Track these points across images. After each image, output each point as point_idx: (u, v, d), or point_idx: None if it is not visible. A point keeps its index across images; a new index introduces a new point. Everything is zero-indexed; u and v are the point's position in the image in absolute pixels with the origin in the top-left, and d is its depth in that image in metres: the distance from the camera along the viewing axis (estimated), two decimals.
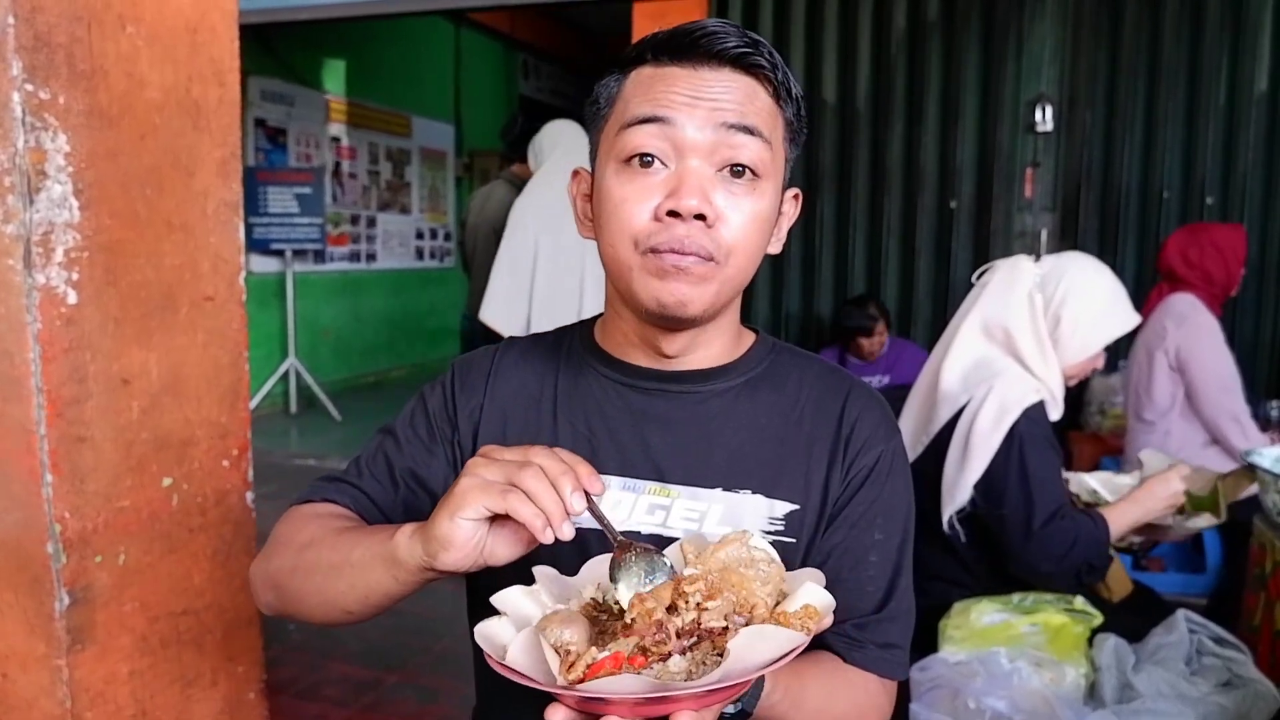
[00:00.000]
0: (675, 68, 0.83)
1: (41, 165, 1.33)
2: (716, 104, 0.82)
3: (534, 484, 0.70)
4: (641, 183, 0.84)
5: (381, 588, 0.82)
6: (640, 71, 0.86)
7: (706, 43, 0.82)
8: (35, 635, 1.43)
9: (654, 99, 0.83)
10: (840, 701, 0.87)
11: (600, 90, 0.90)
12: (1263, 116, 4.03)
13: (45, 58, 1.32)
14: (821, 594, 0.70)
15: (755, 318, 4.59)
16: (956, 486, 1.82)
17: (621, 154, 0.85)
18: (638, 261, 0.85)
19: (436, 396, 1.02)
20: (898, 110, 4.38)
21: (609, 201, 0.86)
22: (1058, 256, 1.99)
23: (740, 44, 0.83)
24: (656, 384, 0.96)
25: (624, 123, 0.85)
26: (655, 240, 0.83)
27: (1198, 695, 1.62)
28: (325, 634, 3.14)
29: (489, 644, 0.70)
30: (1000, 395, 1.80)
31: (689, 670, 0.66)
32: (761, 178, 0.86)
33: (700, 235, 0.83)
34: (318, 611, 0.89)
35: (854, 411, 0.97)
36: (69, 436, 1.39)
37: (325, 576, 0.86)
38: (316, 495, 0.99)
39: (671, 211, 0.82)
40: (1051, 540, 1.71)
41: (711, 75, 0.83)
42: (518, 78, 9.65)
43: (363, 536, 0.85)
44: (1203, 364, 2.90)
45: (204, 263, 1.60)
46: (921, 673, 1.73)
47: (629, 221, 0.84)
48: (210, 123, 1.60)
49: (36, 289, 1.33)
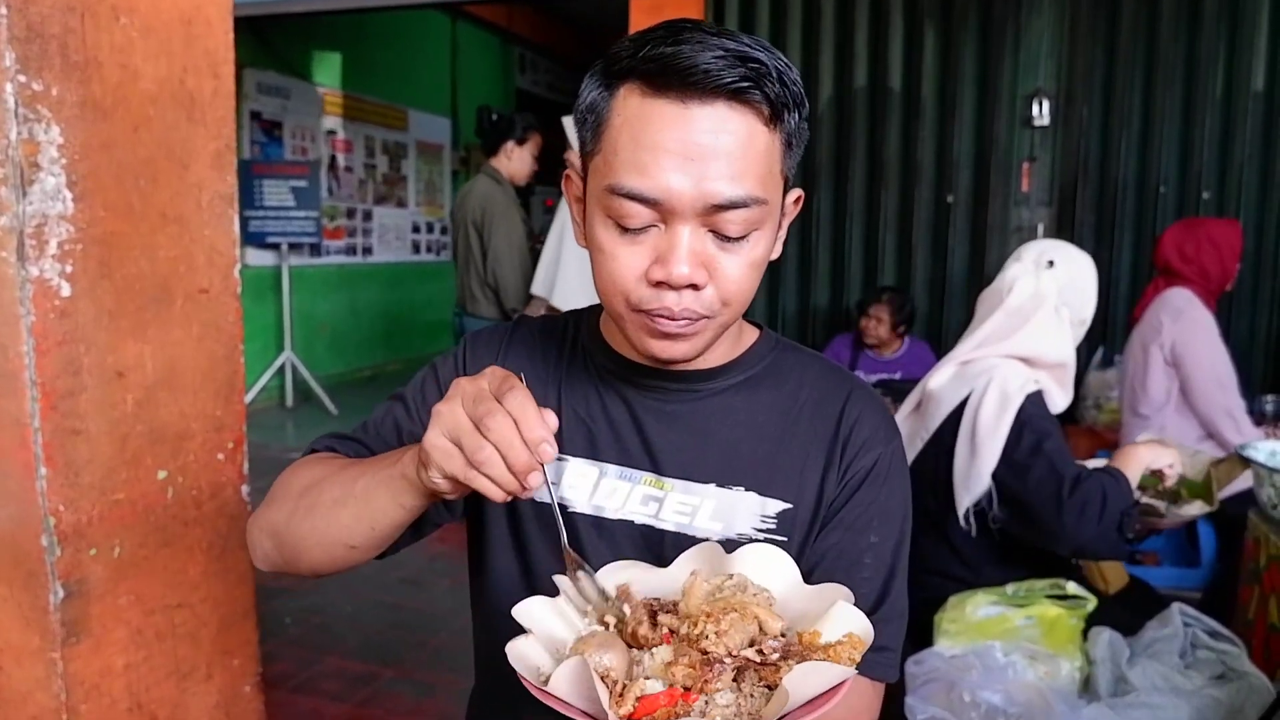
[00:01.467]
0: (664, 102, 0.78)
1: (35, 157, 1.32)
2: (706, 173, 0.78)
3: (492, 466, 0.70)
4: (630, 245, 0.82)
5: (387, 515, 0.82)
6: (629, 97, 0.81)
7: (697, 79, 0.77)
8: (30, 628, 1.42)
9: (641, 166, 0.79)
10: (837, 709, 0.87)
11: (585, 94, 0.85)
12: (1259, 111, 4.03)
13: (38, 49, 1.31)
14: (860, 619, 0.70)
15: (751, 312, 4.57)
16: (970, 478, 1.82)
17: (609, 212, 0.82)
18: (630, 316, 0.85)
19: (448, 366, 1.04)
20: (894, 104, 4.37)
21: (597, 251, 0.85)
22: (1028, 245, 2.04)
23: (733, 78, 0.77)
24: (655, 380, 0.96)
25: (611, 184, 0.81)
26: (646, 305, 0.83)
27: (1192, 688, 1.62)
28: (322, 628, 3.14)
29: (523, 666, 0.68)
30: (1001, 384, 1.83)
31: (738, 704, 0.65)
32: (757, 230, 0.83)
33: (691, 301, 0.82)
34: (318, 552, 0.88)
35: (854, 412, 0.96)
36: (63, 429, 1.39)
37: (328, 512, 0.85)
38: (320, 446, 0.99)
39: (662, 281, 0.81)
40: (1085, 501, 1.70)
41: (702, 112, 0.78)
42: (514, 72, 9.63)
43: (366, 466, 0.85)
44: (1197, 359, 2.90)
45: (199, 255, 1.59)
46: (917, 666, 1.73)
47: (618, 281, 0.83)
48: (205, 115, 1.59)
49: (30, 281, 1.33)
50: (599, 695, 0.61)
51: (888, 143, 4.39)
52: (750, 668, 0.66)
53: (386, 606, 3.34)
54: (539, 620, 0.74)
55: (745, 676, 0.66)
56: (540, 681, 0.66)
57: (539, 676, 0.67)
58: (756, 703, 0.65)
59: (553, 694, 0.63)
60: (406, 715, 2.62)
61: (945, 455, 1.90)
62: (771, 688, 0.65)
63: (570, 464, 0.96)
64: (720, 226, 0.81)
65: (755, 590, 0.73)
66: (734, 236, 0.81)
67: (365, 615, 3.25)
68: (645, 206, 0.80)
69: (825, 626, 0.70)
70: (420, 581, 3.55)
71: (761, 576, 0.76)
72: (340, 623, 3.19)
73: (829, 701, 0.63)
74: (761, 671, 0.66)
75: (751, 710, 0.65)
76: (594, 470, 0.96)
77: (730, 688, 0.66)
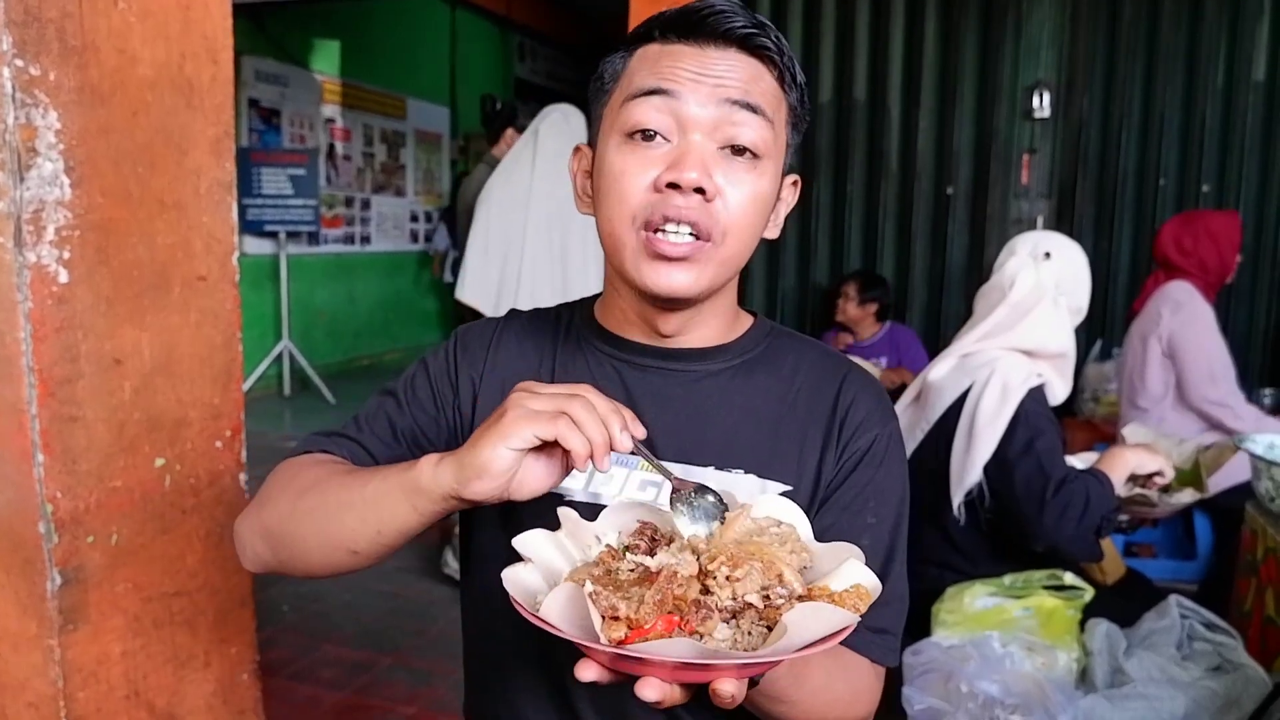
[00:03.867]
0: (682, 45, 0.84)
1: (32, 142, 1.31)
2: (721, 81, 0.83)
3: (583, 414, 0.71)
4: (643, 155, 0.84)
5: (398, 520, 0.81)
6: (647, 49, 0.87)
7: (714, 22, 0.82)
8: (27, 615, 1.42)
9: (659, 73, 0.84)
10: (838, 683, 0.87)
11: (605, 66, 0.91)
12: (1260, 104, 4.02)
13: (35, 33, 1.30)
14: (868, 574, 0.69)
15: (750, 302, 4.58)
16: (965, 469, 1.83)
17: (624, 127, 0.85)
18: (634, 241, 0.86)
19: (439, 361, 1.03)
20: (895, 96, 4.36)
21: (609, 174, 0.87)
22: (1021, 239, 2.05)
23: (748, 25, 0.83)
24: (653, 361, 0.96)
25: (628, 95, 0.86)
26: (652, 213, 0.84)
27: (1188, 680, 1.63)
28: (319, 616, 3.14)
29: (517, 589, 0.68)
30: (1003, 377, 1.84)
31: (734, 639, 0.65)
32: (762, 158, 0.86)
33: (698, 209, 0.83)
34: (317, 556, 0.87)
35: (849, 395, 0.97)
36: (61, 416, 1.38)
37: (330, 515, 0.84)
38: (313, 447, 0.98)
39: (671, 184, 0.82)
40: (1067, 504, 1.73)
41: (718, 54, 0.84)
42: (513, 60, 9.59)
43: (375, 472, 0.84)
44: (1192, 352, 2.90)
45: (197, 242, 1.59)
46: (914, 656, 1.74)
47: (628, 193, 0.85)
48: (203, 101, 1.58)
49: (27, 267, 1.32)
50: (592, 620, 0.61)
51: (888, 134, 4.38)
52: (750, 609, 0.66)
53: (384, 594, 3.34)
54: (538, 551, 0.74)
55: (747, 615, 0.66)
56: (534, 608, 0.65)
57: (534, 604, 0.66)
58: (754, 640, 0.65)
59: (544, 619, 0.63)
60: (404, 703, 2.63)
61: (945, 446, 1.90)
62: (770, 628, 0.65)
63: None
64: (732, 134, 0.84)
65: (795, 550, 0.72)
66: (745, 147, 0.84)
67: (363, 603, 3.26)
68: (663, 100, 0.83)
69: (834, 582, 0.69)
70: (418, 570, 3.56)
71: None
72: (338, 610, 3.19)
73: (829, 644, 0.62)
74: (762, 613, 0.66)
75: (748, 647, 0.64)
76: None
77: (730, 623, 0.66)
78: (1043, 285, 1.93)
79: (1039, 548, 1.79)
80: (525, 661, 0.98)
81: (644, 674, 0.61)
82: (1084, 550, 1.78)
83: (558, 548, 0.76)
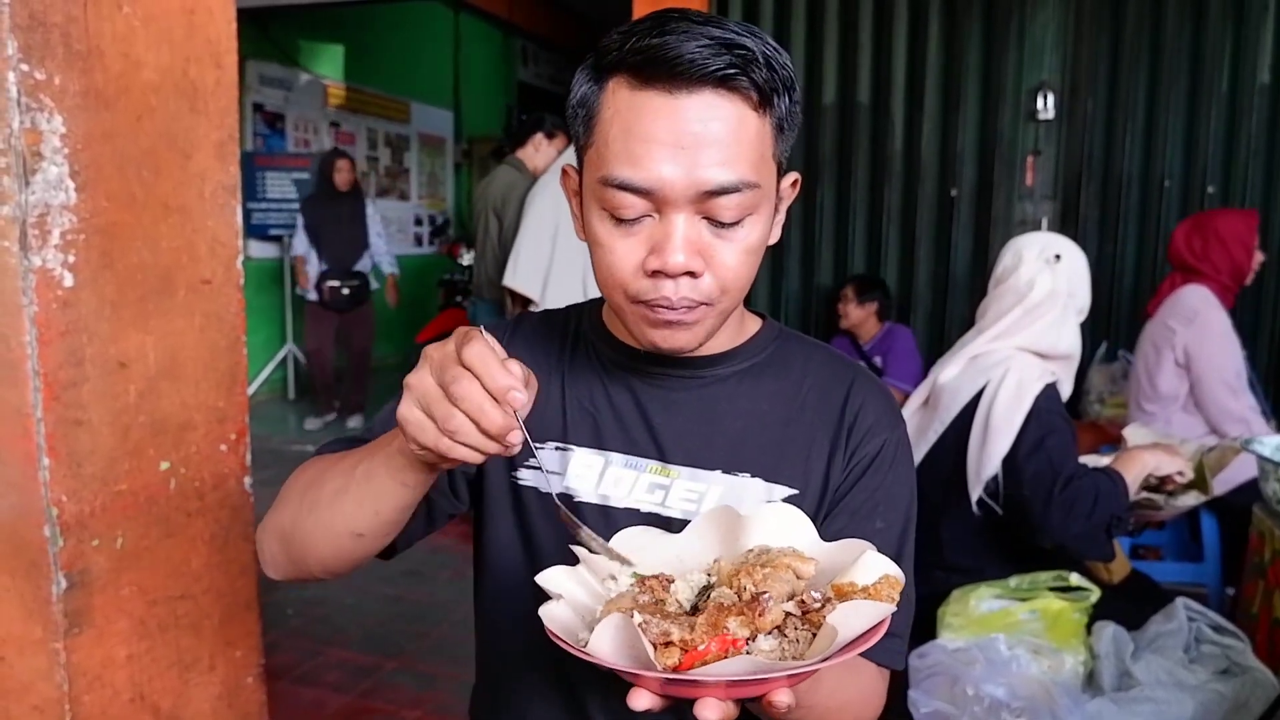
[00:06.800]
0: (652, 93, 0.79)
1: (37, 146, 1.31)
2: (697, 160, 0.78)
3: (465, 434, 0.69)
4: (626, 237, 0.83)
5: (391, 496, 0.80)
6: (618, 90, 0.81)
7: (685, 70, 0.77)
8: (32, 619, 1.42)
9: (633, 157, 0.79)
10: (849, 686, 0.87)
11: (576, 89, 0.86)
12: (1265, 105, 4.01)
13: (41, 37, 1.31)
14: (889, 563, 0.69)
15: (754, 305, 4.57)
16: (982, 464, 1.84)
17: (603, 204, 0.83)
18: (629, 308, 0.86)
19: None
20: (898, 98, 4.35)
21: (595, 242, 0.85)
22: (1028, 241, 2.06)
23: (720, 65, 0.77)
24: (661, 367, 0.96)
25: (604, 175, 0.81)
26: (644, 296, 0.83)
27: (1196, 683, 1.62)
28: (323, 620, 3.14)
29: (559, 628, 0.68)
30: (1018, 376, 1.86)
31: (781, 647, 0.65)
32: (751, 215, 0.83)
33: (689, 289, 0.82)
34: (324, 546, 0.87)
35: (858, 399, 0.97)
36: (66, 420, 1.38)
37: (331, 504, 0.84)
38: (326, 449, 0.98)
39: (659, 270, 0.81)
40: (1076, 500, 1.73)
41: (690, 101, 0.78)
42: (516, 64, 9.61)
43: (363, 452, 0.84)
44: (1208, 362, 2.88)
45: (201, 246, 1.59)
46: (920, 660, 1.73)
47: (616, 273, 0.84)
48: (208, 105, 1.58)
49: (33, 271, 1.32)
50: (644, 649, 0.60)
51: (891, 136, 4.38)
52: (790, 617, 0.66)
53: (388, 598, 3.34)
54: (563, 588, 0.74)
55: (789, 623, 0.66)
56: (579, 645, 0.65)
57: (576, 640, 0.66)
58: (800, 647, 0.65)
59: (594, 655, 0.62)
60: (408, 706, 2.63)
61: (960, 447, 1.90)
62: (814, 631, 0.65)
63: (576, 454, 0.96)
64: (714, 213, 0.81)
65: (779, 550, 0.72)
66: (728, 222, 0.82)
67: (367, 607, 3.26)
68: (638, 197, 0.80)
69: (857, 575, 0.69)
70: (422, 573, 3.56)
71: (780, 537, 0.76)
72: (342, 614, 3.19)
73: (871, 639, 0.63)
74: (803, 619, 0.66)
75: (795, 654, 0.65)
76: (600, 460, 0.96)
77: (774, 634, 0.66)
78: (1058, 289, 1.94)
79: (1046, 544, 1.79)
80: (536, 665, 0.99)
81: (698, 695, 0.61)
82: (1093, 548, 1.78)
83: (579, 583, 0.76)
